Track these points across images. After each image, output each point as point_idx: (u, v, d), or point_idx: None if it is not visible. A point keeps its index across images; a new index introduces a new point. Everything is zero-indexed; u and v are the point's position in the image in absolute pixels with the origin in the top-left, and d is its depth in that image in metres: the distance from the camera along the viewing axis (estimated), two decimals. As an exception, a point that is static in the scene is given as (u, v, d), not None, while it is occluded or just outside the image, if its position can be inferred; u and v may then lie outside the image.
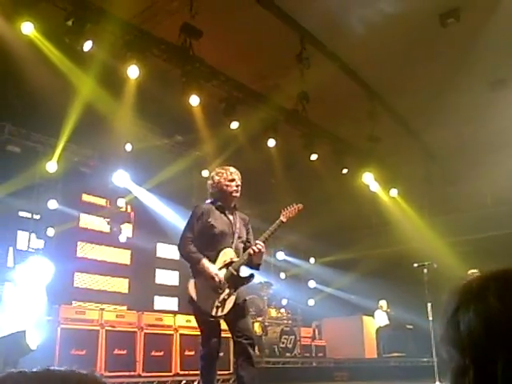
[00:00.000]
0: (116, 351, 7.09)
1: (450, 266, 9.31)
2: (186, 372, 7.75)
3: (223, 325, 4.14)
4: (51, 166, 8.77)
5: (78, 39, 6.46)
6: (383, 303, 12.01)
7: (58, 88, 7.17)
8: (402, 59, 8.81)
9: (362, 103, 10.01)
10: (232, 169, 4.36)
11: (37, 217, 9.00)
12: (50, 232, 8.99)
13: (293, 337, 10.11)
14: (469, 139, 10.75)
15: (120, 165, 9.48)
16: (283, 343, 9.87)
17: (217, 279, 3.98)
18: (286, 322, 10.74)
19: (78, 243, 9.90)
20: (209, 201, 4.34)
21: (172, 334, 7.88)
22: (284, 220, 4.24)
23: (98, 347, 6.89)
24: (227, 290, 4.04)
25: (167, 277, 11.30)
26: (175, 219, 9.93)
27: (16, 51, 6.59)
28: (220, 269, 4.06)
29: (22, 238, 8.83)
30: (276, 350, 9.75)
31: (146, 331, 7.55)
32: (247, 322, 4.22)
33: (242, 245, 4.29)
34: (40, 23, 6.16)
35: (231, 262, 4.11)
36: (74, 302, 8.89)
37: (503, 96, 9.51)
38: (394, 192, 11.78)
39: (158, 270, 11.23)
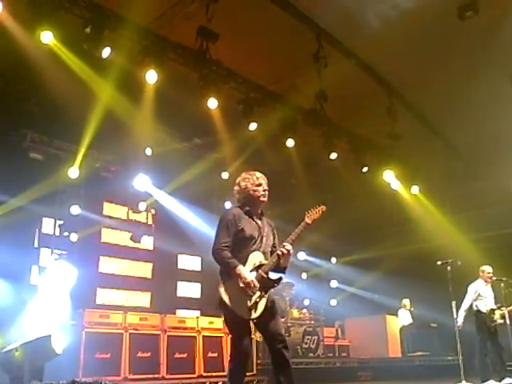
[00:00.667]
0: (140, 354, 7.16)
1: (473, 263, 9.17)
2: (210, 374, 7.79)
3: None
4: (73, 172, 8.91)
5: (96, 46, 6.53)
6: (406, 302, 11.90)
7: (78, 95, 7.27)
8: (421, 54, 8.71)
9: (380, 100, 9.93)
10: (258, 173, 4.36)
11: (60, 222, 9.15)
12: (74, 237, 9.12)
13: (316, 337, 10.09)
14: (490, 134, 10.57)
15: (141, 169, 9.58)
16: (306, 343, 9.85)
17: (252, 285, 4.01)
18: (308, 322, 10.71)
19: (101, 258, 10.03)
20: (236, 207, 4.36)
21: (195, 336, 7.93)
22: (309, 222, 4.24)
23: (122, 350, 6.96)
24: (258, 293, 4.07)
25: (189, 289, 11.40)
26: (196, 223, 10.00)
27: (36, 60, 6.69)
28: (250, 271, 4.10)
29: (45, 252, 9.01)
30: (299, 350, 9.72)
31: (169, 333, 7.61)
32: (278, 324, 4.25)
33: (269, 249, 4.32)
34: (59, 31, 6.24)
35: (261, 265, 4.14)
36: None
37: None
38: (415, 189, 11.64)
39: (179, 283, 11.37)
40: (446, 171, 11.91)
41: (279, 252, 4.14)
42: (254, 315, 4.09)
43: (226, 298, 4.06)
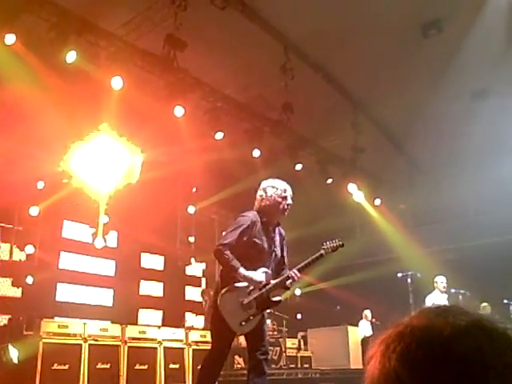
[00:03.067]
0: (99, 365, 6.99)
1: (433, 275, 9.35)
2: (171, 385, 7.67)
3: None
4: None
5: (60, 50, 6.41)
6: (368, 313, 12.00)
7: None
8: (385, 69, 8.89)
9: (345, 113, 10.07)
10: (286, 185, 4.30)
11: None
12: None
13: (278, 348, 10.06)
14: (450, 149, 10.87)
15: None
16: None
17: (243, 317, 3.96)
18: (271, 333, 10.68)
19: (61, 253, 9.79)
20: (255, 212, 4.27)
21: (156, 348, 7.80)
22: (324, 254, 4.20)
23: (80, 361, 6.79)
24: (254, 310, 4.02)
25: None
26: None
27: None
28: (252, 290, 4.04)
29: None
30: (261, 361, 9.66)
31: (129, 344, 7.47)
32: (265, 337, 4.24)
33: (276, 264, 4.27)
34: (23, 34, 6.10)
35: (266, 284, 4.09)
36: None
37: (484, 106, 9.64)
38: (377, 202, 11.84)
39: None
40: (407, 185, 12.16)
41: (287, 277, 4.10)
42: (244, 331, 4.05)
43: (221, 306, 4.01)
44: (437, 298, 8.84)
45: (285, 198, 4.22)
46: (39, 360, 6.33)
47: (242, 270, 3.97)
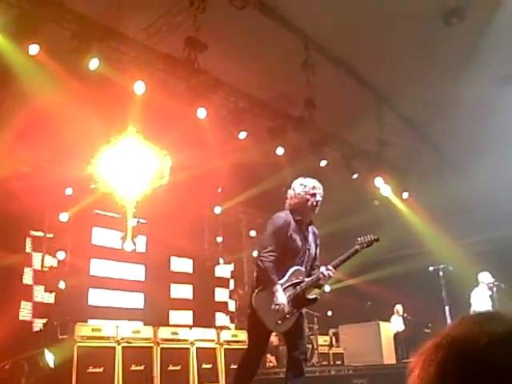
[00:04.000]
0: (133, 367, 7.08)
1: (465, 267, 9.21)
2: (204, 385, 7.73)
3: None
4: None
5: (84, 57, 6.50)
6: (399, 307, 11.89)
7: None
8: (408, 60, 8.77)
9: (369, 107, 9.97)
10: (315, 183, 4.31)
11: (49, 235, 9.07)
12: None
13: (310, 345, 10.03)
14: (479, 138, 10.66)
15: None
16: (301, 352, 9.77)
17: (282, 310, 3.95)
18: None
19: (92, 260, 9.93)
20: (287, 211, 4.29)
21: (188, 348, 7.86)
22: (359, 249, 4.19)
23: (115, 364, 6.88)
24: (290, 309, 4.03)
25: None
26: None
27: (23, 72, 6.64)
28: (287, 287, 4.05)
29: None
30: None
31: (162, 346, 7.54)
32: (303, 336, 4.25)
33: (310, 262, 4.28)
34: (46, 44, 6.21)
35: (300, 282, 4.09)
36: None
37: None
38: (405, 195, 11.68)
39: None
40: (436, 176, 11.98)
41: (321, 275, 4.09)
42: (280, 329, 4.06)
43: (256, 305, 4.03)
44: (483, 294, 8.70)
45: (313, 195, 4.22)
46: (74, 364, 6.44)
47: (277, 287, 3.97)
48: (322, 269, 4.13)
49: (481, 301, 8.58)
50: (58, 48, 6.38)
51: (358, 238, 4.24)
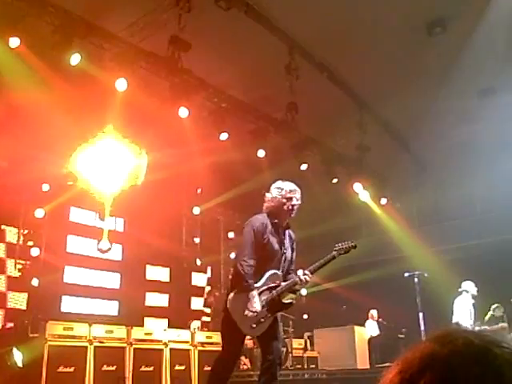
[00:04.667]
0: (105, 367, 6.98)
1: (440, 274, 9.32)
2: (177, 387, 7.66)
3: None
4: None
5: (65, 53, 6.41)
6: (374, 312, 11.96)
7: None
8: (391, 68, 8.86)
9: (351, 113, 10.03)
10: (293, 186, 4.30)
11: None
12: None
13: (284, 349, 10.04)
14: (456, 147, 10.80)
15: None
16: (275, 355, 9.77)
17: (255, 315, 3.95)
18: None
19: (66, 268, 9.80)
20: (264, 214, 4.28)
21: (162, 349, 7.79)
22: (336, 255, 4.19)
23: (86, 364, 6.78)
24: (265, 312, 4.01)
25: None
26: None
27: (2, 65, 6.53)
28: (263, 291, 4.03)
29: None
30: (268, 362, 9.63)
31: (135, 346, 7.45)
32: (279, 340, 4.22)
33: (287, 266, 4.26)
34: (27, 38, 6.11)
35: (276, 286, 4.08)
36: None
37: (490, 103, 9.58)
38: (383, 201, 11.79)
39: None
40: (414, 183, 12.11)
41: (298, 280, 4.09)
42: (255, 333, 4.05)
43: (231, 308, 4.00)
44: (466, 304, 8.79)
45: (289, 198, 4.22)
46: (44, 363, 6.32)
47: (253, 293, 3.97)
48: (300, 273, 4.13)
49: (463, 312, 8.66)
50: (39, 42, 6.30)
51: (336, 245, 4.25)
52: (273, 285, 4.12)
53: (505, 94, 9.37)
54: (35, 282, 8.56)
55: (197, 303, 12.06)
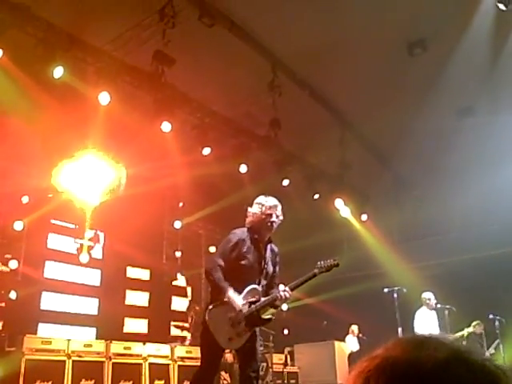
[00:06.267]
0: (83, 382, 6.91)
1: (419, 290, 9.40)
2: (156, 402, 7.60)
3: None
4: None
5: (48, 66, 6.41)
6: (355, 328, 12.00)
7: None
8: (372, 87, 8.98)
9: (333, 130, 10.15)
10: (273, 202, 4.32)
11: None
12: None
13: (264, 364, 10.01)
14: (436, 166, 10.98)
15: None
16: (255, 370, 9.73)
17: (240, 315, 3.95)
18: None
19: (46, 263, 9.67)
20: (245, 229, 4.30)
21: (141, 363, 7.73)
22: (317, 273, 4.20)
23: (64, 378, 6.70)
24: (243, 327, 4.02)
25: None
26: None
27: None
28: (243, 305, 4.04)
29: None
30: (247, 377, 9.59)
31: (114, 361, 7.39)
32: (256, 355, 4.22)
33: (268, 281, 4.28)
34: (10, 49, 6.10)
35: (255, 301, 4.09)
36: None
37: (470, 123, 9.76)
38: (364, 217, 11.91)
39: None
40: (394, 200, 12.25)
41: (278, 296, 4.10)
42: (232, 347, 4.05)
43: (209, 321, 4.01)
44: (426, 315, 8.89)
45: (269, 215, 4.25)
46: (21, 377, 6.25)
47: (230, 293, 3.99)
48: (281, 288, 4.16)
49: (423, 323, 8.76)
50: (22, 54, 6.29)
51: (318, 262, 4.27)
52: (252, 299, 4.14)
53: (483, 113, 9.57)
54: (13, 295, 8.45)
55: (178, 303, 12.06)
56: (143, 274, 11.57)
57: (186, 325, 10.68)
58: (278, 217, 4.30)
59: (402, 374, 0.76)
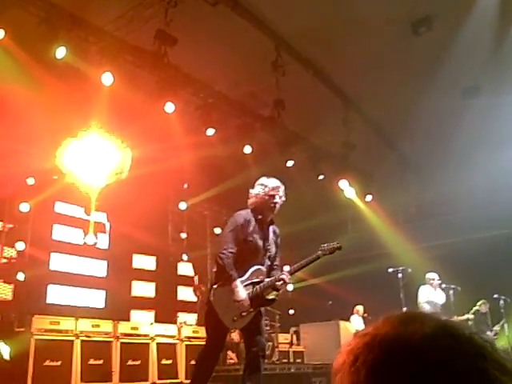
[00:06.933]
0: (92, 361, 6.99)
1: (424, 270, 9.43)
2: (163, 381, 7.69)
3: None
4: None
5: (51, 46, 6.37)
6: (360, 308, 12.06)
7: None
8: (377, 66, 8.91)
9: (337, 110, 10.09)
10: (276, 183, 4.31)
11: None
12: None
13: (270, 343, 10.09)
14: (441, 146, 10.92)
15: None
16: (261, 350, 9.81)
17: (244, 304, 3.98)
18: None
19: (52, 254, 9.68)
20: (248, 210, 4.31)
21: (148, 343, 7.81)
22: (321, 255, 4.21)
23: (72, 358, 6.78)
24: (247, 307, 4.05)
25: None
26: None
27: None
28: (246, 286, 4.07)
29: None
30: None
31: (121, 340, 7.46)
32: (262, 334, 4.26)
33: (270, 261, 4.30)
34: (12, 29, 6.06)
35: (259, 282, 4.12)
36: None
37: (475, 103, 9.69)
38: (368, 198, 11.89)
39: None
40: (399, 181, 12.22)
41: (278, 280, 4.12)
42: (237, 326, 4.10)
43: (214, 301, 4.04)
44: (429, 292, 8.94)
45: (272, 196, 4.26)
46: (31, 357, 6.32)
47: (236, 282, 4.01)
48: (286, 269, 4.20)
49: (427, 299, 8.85)
50: (25, 34, 6.25)
51: (322, 245, 4.28)
52: (256, 280, 4.17)
53: (488, 94, 9.49)
54: (21, 276, 8.50)
55: (184, 293, 12.06)
56: (149, 263, 11.57)
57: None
58: (280, 197, 4.31)
59: (390, 349, 0.76)
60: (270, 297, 4.24)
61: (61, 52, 6.44)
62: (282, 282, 4.14)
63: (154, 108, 7.82)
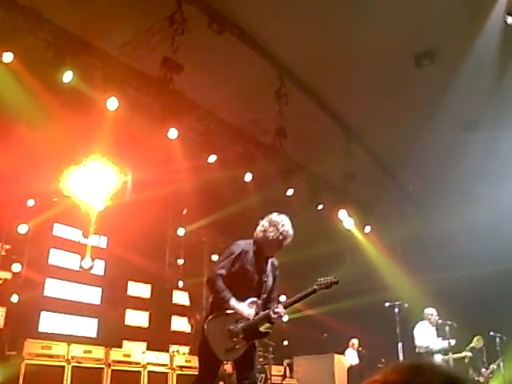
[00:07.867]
0: (82, 388, 6.85)
1: (421, 305, 9.34)
2: (154, 410, 7.53)
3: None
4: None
5: (58, 70, 6.42)
6: (355, 341, 11.92)
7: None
8: (379, 98, 8.98)
9: (338, 140, 10.13)
10: (287, 232, 4.17)
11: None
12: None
13: (263, 375, 9.93)
14: (441, 181, 10.94)
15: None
16: (254, 381, 9.64)
17: (229, 344, 3.95)
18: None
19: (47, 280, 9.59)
20: (251, 241, 4.27)
21: (140, 371, 7.67)
22: (317, 289, 4.16)
23: (63, 384, 6.65)
24: (241, 339, 4.01)
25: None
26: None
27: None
28: (241, 318, 4.03)
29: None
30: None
31: (113, 368, 7.34)
32: (254, 367, 4.20)
33: (267, 294, 4.26)
34: (20, 53, 6.11)
35: (255, 314, 4.08)
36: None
37: (476, 137, 9.74)
38: (367, 229, 11.85)
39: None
40: (398, 213, 12.20)
41: (272, 314, 4.07)
42: (229, 358, 4.04)
43: (207, 332, 3.99)
44: (427, 328, 8.84)
45: (281, 240, 4.17)
46: (21, 381, 6.20)
47: (232, 302, 3.98)
48: (280, 304, 4.16)
49: (424, 336, 8.75)
50: (32, 58, 6.30)
51: (318, 279, 4.22)
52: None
53: (489, 128, 9.55)
54: (15, 298, 8.40)
55: (178, 323, 11.88)
56: (144, 291, 11.45)
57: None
58: (285, 245, 4.27)
59: None
60: (264, 329, 4.18)
61: (67, 76, 6.49)
62: (277, 315, 4.09)
63: (157, 133, 7.85)
